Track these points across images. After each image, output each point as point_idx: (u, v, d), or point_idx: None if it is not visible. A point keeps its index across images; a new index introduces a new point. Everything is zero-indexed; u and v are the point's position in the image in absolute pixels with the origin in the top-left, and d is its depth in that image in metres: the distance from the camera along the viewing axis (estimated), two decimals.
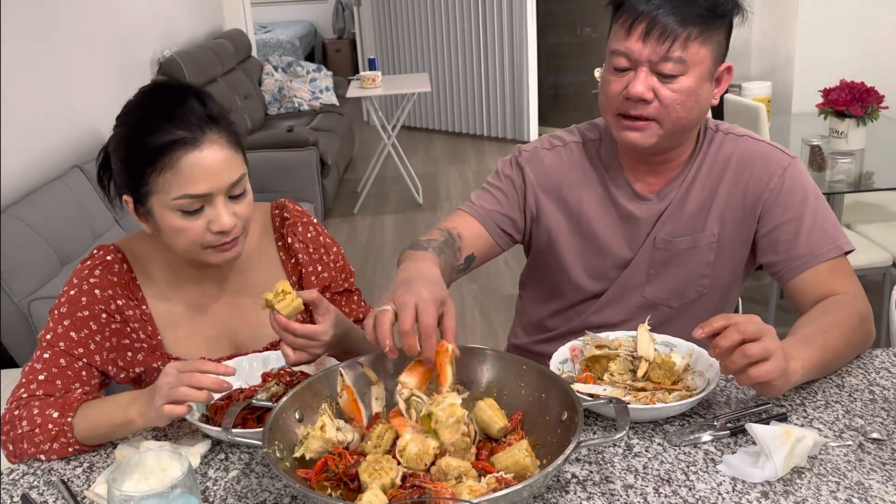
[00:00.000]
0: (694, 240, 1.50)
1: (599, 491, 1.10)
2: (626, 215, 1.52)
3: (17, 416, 1.29)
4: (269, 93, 6.30)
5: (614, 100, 1.40)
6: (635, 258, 1.53)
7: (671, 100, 1.36)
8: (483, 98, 7.04)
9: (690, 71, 1.35)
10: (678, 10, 1.32)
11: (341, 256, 1.55)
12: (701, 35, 1.34)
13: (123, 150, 1.28)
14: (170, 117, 1.24)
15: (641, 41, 1.34)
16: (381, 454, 1.08)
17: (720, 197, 1.48)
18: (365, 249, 4.82)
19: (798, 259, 1.43)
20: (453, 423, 1.06)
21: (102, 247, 1.41)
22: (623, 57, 1.37)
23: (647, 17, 1.33)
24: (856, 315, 1.36)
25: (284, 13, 10.54)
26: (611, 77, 1.40)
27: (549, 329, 1.66)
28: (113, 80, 4.03)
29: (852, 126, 3.13)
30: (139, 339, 1.40)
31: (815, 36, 4.23)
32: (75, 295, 1.36)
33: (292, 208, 1.52)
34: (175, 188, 1.25)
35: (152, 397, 1.19)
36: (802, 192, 1.45)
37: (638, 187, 1.51)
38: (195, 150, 1.24)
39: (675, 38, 1.32)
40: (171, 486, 0.92)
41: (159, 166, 1.24)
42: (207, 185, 1.25)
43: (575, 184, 1.55)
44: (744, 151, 1.49)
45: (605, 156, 1.54)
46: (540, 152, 1.57)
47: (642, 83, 1.35)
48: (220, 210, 1.28)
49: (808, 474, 1.10)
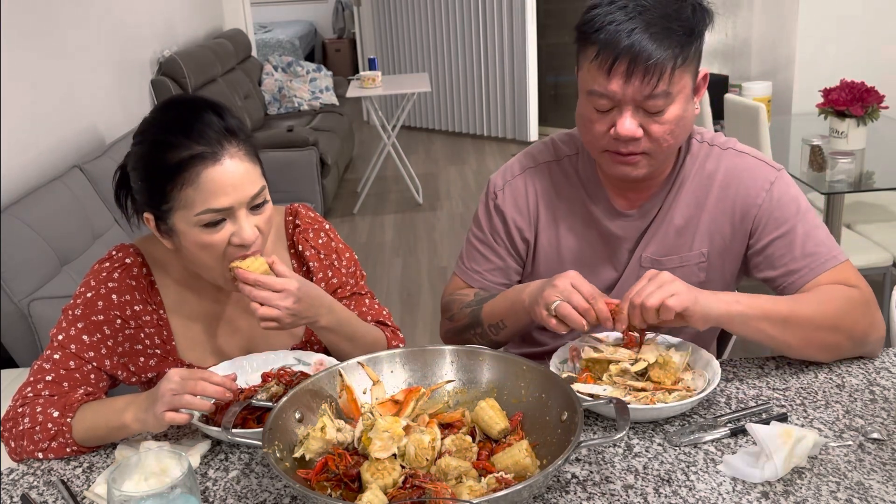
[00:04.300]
0: (682, 259, 1.47)
1: (599, 491, 1.10)
2: (607, 234, 1.49)
3: (20, 413, 1.29)
4: (268, 93, 6.30)
5: (601, 139, 1.35)
6: (622, 278, 1.50)
7: (661, 132, 1.31)
8: (483, 98, 7.04)
9: (676, 100, 1.29)
10: (658, 41, 1.24)
11: (354, 262, 1.54)
12: (683, 62, 1.27)
13: (142, 167, 1.27)
14: (188, 133, 1.23)
15: (624, 81, 1.26)
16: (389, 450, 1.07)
17: (707, 214, 1.45)
18: (365, 249, 4.82)
19: (796, 273, 1.39)
20: (386, 437, 1.05)
21: (122, 247, 1.40)
22: (605, 99, 1.30)
23: (627, 56, 1.24)
24: (840, 292, 1.34)
25: (284, 13, 10.54)
26: (592, 116, 1.34)
27: (538, 343, 1.62)
28: (113, 80, 4.03)
29: (852, 126, 3.12)
30: (153, 345, 1.39)
31: (815, 36, 4.23)
32: (92, 298, 1.35)
33: (304, 214, 1.51)
34: (198, 203, 1.23)
35: (152, 402, 1.19)
36: (792, 204, 1.42)
37: (618, 203, 1.47)
38: (215, 164, 1.23)
39: (660, 75, 1.25)
40: (170, 487, 0.92)
41: (180, 182, 1.23)
42: (229, 199, 1.24)
43: (549, 206, 1.52)
44: (728, 167, 1.44)
45: (584, 171, 1.50)
46: (512, 184, 1.53)
47: (630, 122, 1.29)
48: (243, 223, 1.27)
49: (808, 474, 1.10)
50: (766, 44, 4.57)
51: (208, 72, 5.17)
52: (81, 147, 3.46)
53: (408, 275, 4.42)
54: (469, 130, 7.28)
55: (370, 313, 1.54)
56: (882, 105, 3.09)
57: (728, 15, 4.77)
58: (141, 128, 1.29)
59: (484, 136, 7.18)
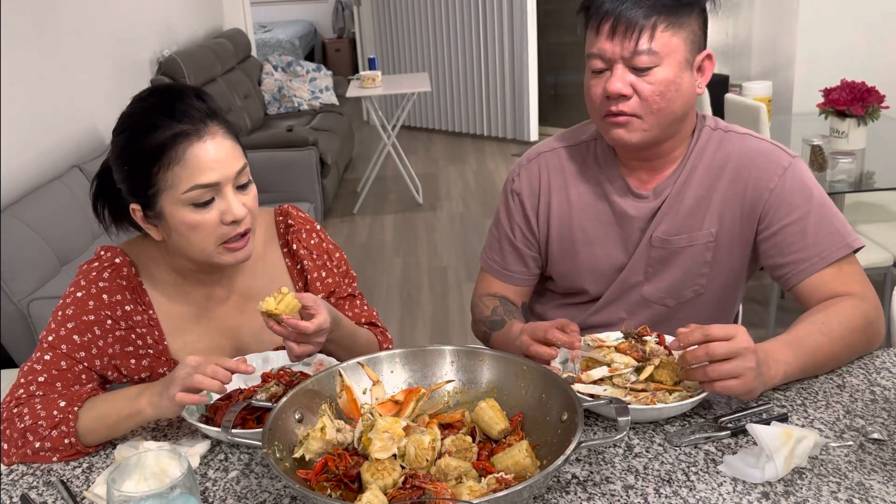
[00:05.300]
0: (691, 238, 1.49)
1: (600, 491, 1.09)
2: (620, 214, 1.52)
3: (15, 413, 1.28)
4: (268, 92, 6.29)
5: (598, 102, 1.42)
6: (633, 258, 1.53)
7: (650, 92, 1.36)
8: (483, 98, 7.04)
9: (665, 61, 1.36)
10: (641, 2, 1.34)
11: (344, 262, 1.56)
12: (670, 24, 1.35)
13: (126, 155, 1.28)
14: (171, 114, 1.25)
15: (610, 39, 1.36)
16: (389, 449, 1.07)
17: (718, 195, 1.47)
18: (365, 249, 4.82)
19: (806, 261, 1.41)
20: (386, 438, 1.05)
21: (108, 248, 1.40)
22: (597, 59, 1.39)
23: (612, 15, 1.35)
24: (859, 316, 1.35)
25: (284, 13, 10.53)
26: (591, 81, 1.42)
27: None
28: (113, 80, 4.03)
29: (853, 126, 3.12)
30: (145, 345, 1.39)
31: (815, 35, 4.22)
32: (83, 297, 1.35)
33: (296, 215, 1.52)
34: (184, 181, 1.25)
35: (166, 387, 1.20)
36: (805, 191, 1.43)
37: (633, 184, 1.51)
38: (199, 141, 1.25)
39: (640, 30, 1.34)
40: (170, 487, 0.92)
41: (166, 162, 1.24)
42: (216, 175, 1.26)
43: (563, 187, 1.56)
44: (743, 150, 1.47)
45: (601, 153, 1.55)
46: (528, 167, 1.61)
47: (619, 80, 1.37)
48: (231, 200, 1.28)
49: (808, 475, 1.10)
50: (767, 44, 4.57)
51: (208, 72, 5.16)
52: (81, 147, 3.46)
53: (408, 275, 4.41)
54: (469, 130, 7.28)
55: (362, 315, 1.56)
56: (883, 105, 3.09)
57: (728, 15, 4.77)
58: (120, 120, 1.30)
59: (484, 136, 7.18)
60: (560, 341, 1.28)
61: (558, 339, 1.28)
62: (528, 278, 1.64)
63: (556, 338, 1.28)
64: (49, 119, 3.29)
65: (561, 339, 1.28)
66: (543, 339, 1.30)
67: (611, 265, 1.55)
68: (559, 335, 1.28)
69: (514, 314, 1.57)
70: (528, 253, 1.62)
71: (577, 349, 1.31)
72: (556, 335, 1.28)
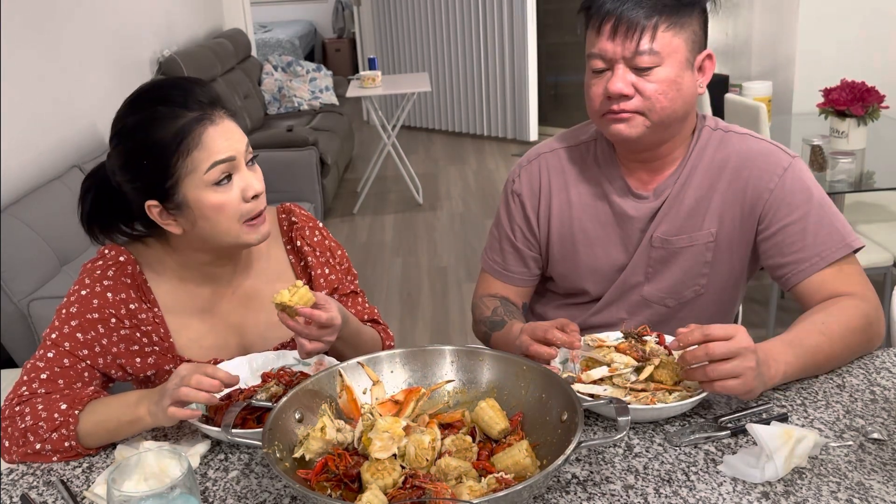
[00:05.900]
0: (691, 238, 1.49)
1: (600, 491, 1.09)
2: (620, 214, 1.52)
3: (17, 411, 1.28)
4: (268, 92, 6.29)
5: (598, 102, 1.42)
6: (633, 258, 1.53)
7: (652, 91, 1.37)
8: (483, 98, 7.04)
9: (666, 61, 1.36)
10: (642, 2, 1.34)
11: (346, 259, 1.57)
12: (671, 25, 1.35)
13: (141, 154, 1.28)
14: (181, 104, 1.28)
15: (611, 39, 1.36)
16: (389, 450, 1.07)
17: (718, 195, 1.47)
18: (365, 249, 4.82)
19: (806, 261, 1.41)
20: (386, 437, 1.05)
21: (113, 246, 1.40)
22: (598, 59, 1.39)
23: (613, 16, 1.35)
24: (860, 317, 1.35)
25: (284, 13, 10.54)
26: (592, 81, 1.42)
27: None
28: (113, 79, 4.03)
29: (853, 126, 3.12)
30: (151, 342, 1.39)
31: (815, 35, 4.22)
32: (87, 296, 1.35)
33: (299, 212, 1.53)
34: (204, 161, 1.27)
35: (161, 396, 1.21)
36: (805, 191, 1.43)
37: (633, 184, 1.51)
38: (212, 124, 1.29)
39: (642, 30, 1.34)
40: (170, 487, 0.92)
41: (185, 149, 1.26)
42: (231, 150, 1.29)
43: (563, 187, 1.57)
44: (743, 150, 1.48)
45: (601, 154, 1.55)
46: (528, 168, 1.61)
47: (621, 80, 1.37)
48: (247, 176, 1.32)
49: (808, 475, 1.10)
50: (766, 43, 4.57)
51: (208, 72, 5.16)
52: (81, 147, 3.46)
53: (408, 275, 4.41)
54: (469, 130, 7.28)
55: (364, 312, 1.57)
56: (882, 105, 3.09)
57: (728, 15, 4.77)
58: (121, 124, 1.32)
59: (484, 135, 7.18)
60: (560, 341, 1.28)
61: (558, 338, 1.28)
62: (528, 279, 1.64)
63: (556, 337, 1.28)
64: (49, 119, 3.29)
65: (561, 339, 1.28)
66: (543, 338, 1.30)
67: (611, 265, 1.55)
68: (559, 335, 1.28)
69: (515, 315, 1.57)
70: (529, 253, 1.62)
71: (576, 349, 1.31)
72: (556, 335, 1.28)
